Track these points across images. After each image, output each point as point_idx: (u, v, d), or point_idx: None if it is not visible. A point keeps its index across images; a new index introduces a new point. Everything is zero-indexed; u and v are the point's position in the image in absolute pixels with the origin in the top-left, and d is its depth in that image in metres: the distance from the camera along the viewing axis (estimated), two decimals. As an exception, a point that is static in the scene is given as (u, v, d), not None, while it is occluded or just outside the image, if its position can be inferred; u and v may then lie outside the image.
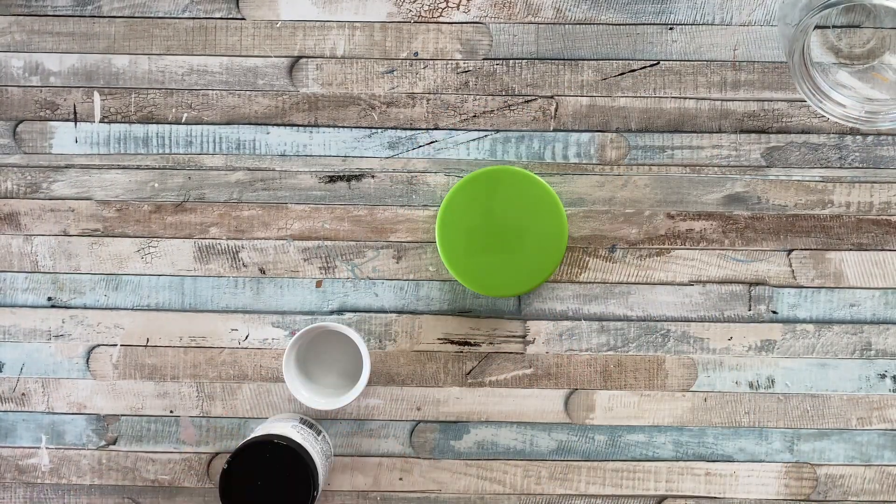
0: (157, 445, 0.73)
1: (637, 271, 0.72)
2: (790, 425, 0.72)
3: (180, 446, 0.73)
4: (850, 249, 0.71)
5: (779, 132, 0.71)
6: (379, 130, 0.72)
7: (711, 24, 0.71)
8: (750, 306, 0.72)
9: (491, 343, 0.72)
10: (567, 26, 0.71)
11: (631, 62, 0.71)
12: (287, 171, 0.72)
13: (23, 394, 0.73)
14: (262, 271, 0.72)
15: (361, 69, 0.72)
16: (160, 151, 0.72)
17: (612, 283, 0.72)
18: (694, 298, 0.72)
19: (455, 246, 0.68)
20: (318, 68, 0.72)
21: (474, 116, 0.72)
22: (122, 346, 0.73)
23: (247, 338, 0.72)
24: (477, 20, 0.71)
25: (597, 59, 0.71)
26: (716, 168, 0.71)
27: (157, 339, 0.72)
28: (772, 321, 0.71)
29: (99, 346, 0.73)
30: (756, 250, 0.71)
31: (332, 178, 0.72)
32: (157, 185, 0.72)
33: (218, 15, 0.72)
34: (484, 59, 0.72)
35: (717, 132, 0.71)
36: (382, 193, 0.72)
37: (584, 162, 0.72)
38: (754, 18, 0.71)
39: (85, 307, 0.73)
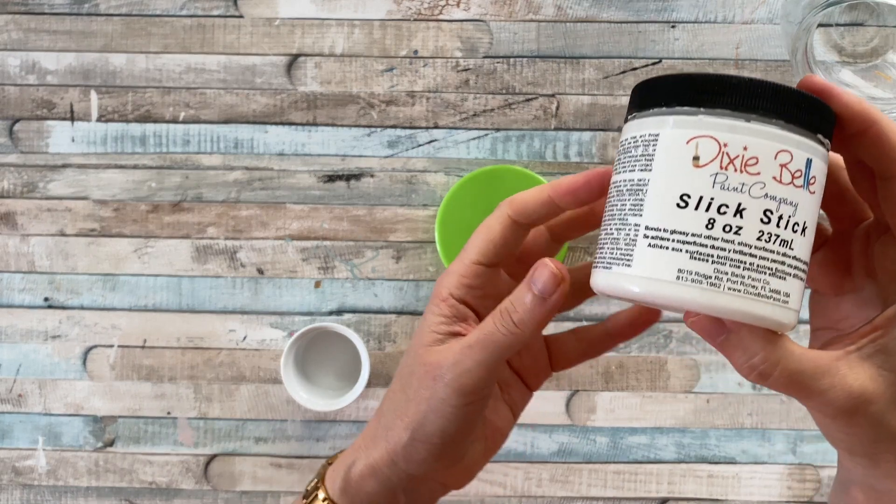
0: (154, 447, 0.72)
1: (639, 271, 0.71)
2: (793, 427, 0.71)
3: (178, 448, 0.72)
4: (854, 249, 0.71)
5: (782, 131, 0.71)
6: (378, 129, 0.71)
7: (714, 23, 0.70)
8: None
9: (491, 344, 0.71)
10: (568, 24, 0.71)
11: (633, 60, 0.71)
12: (285, 171, 0.71)
13: (19, 395, 0.72)
14: (261, 271, 0.72)
15: (360, 67, 0.71)
16: (157, 151, 0.72)
17: (613, 283, 0.71)
18: (696, 299, 0.71)
19: (455, 246, 0.67)
20: (316, 66, 0.71)
21: (474, 115, 0.71)
22: (119, 346, 0.72)
23: (245, 339, 0.72)
24: (477, 18, 0.71)
25: (598, 58, 0.71)
26: (718, 167, 0.71)
27: (155, 339, 0.72)
28: (775, 322, 0.71)
29: (96, 346, 0.72)
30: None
31: (331, 178, 0.71)
32: (154, 184, 0.72)
33: (216, 13, 0.71)
34: (484, 57, 0.71)
35: (719, 131, 0.71)
36: (382, 193, 0.71)
37: (585, 161, 0.71)
38: (757, 16, 0.70)
39: (82, 308, 0.72)
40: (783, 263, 0.29)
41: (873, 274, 0.33)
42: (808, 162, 0.29)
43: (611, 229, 0.32)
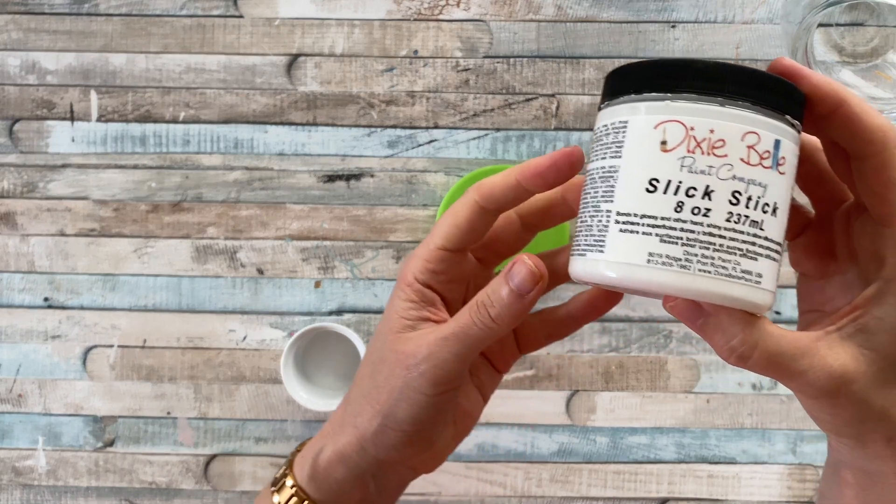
0: (154, 447, 0.72)
1: (639, 271, 0.71)
2: (793, 427, 0.71)
3: (178, 448, 0.72)
4: (854, 249, 0.71)
5: (782, 131, 0.71)
6: (378, 129, 0.71)
7: (714, 22, 0.70)
8: (753, 307, 0.71)
9: (491, 344, 0.71)
10: (568, 24, 0.71)
11: (633, 60, 0.71)
12: (285, 171, 0.71)
13: (19, 395, 0.72)
14: (261, 271, 0.72)
15: (360, 67, 0.71)
16: (157, 151, 0.72)
17: (613, 283, 0.71)
18: (696, 299, 0.71)
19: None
20: (316, 66, 0.71)
21: (475, 115, 0.71)
22: (119, 346, 0.72)
23: (245, 339, 0.72)
24: (477, 18, 0.71)
25: (598, 58, 0.71)
26: (718, 167, 0.71)
27: (155, 339, 0.72)
28: (775, 322, 0.71)
29: (96, 346, 0.72)
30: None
31: (331, 178, 0.71)
32: (154, 184, 0.72)
33: (216, 13, 0.71)
34: (484, 57, 0.71)
35: (719, 131, 0.71)
36: (382, 193, 0.71)
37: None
38: (757, 16, 0.70)
39: (82, 308, 0.72)
40: (754, 244, 0.29)
41: (855, 255, 0.33)
42: (777, 143, 0.29)
43: (585, 217, 0.32)
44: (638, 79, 0.31)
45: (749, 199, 0.29)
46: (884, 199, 0.30)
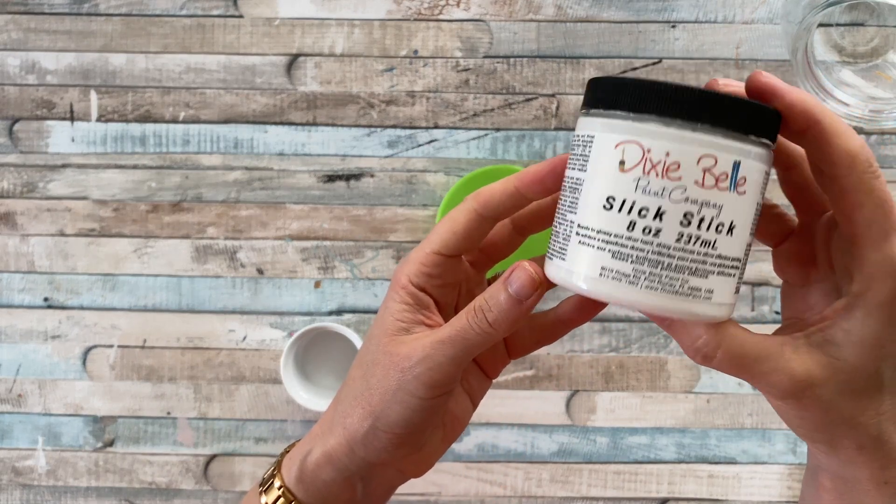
0: (154, 447, 0.72)
1: (639, 271, 0.71)
2: (793, 427, 0.71)
3: (178, 448, 0.72)
4: (854, 249, 0.71)
5: (782, 131, 0.71)
6: (378, 129, 0.71)
7: (714, 22, 0.70)
8: (753, 307, 0.71)
9: (491, 344, 0.71)
10: (568, 24, 0.71)
11: (633, 60, 0.71)
12: (285, 171, 0.71)
13: (19, 395, 0.72)
14: (260, 271, 0.72)
15: (360, 67, 0.71)
16: (157, 151, 0.72)
17: (613, 283, 0.71)
18: (696, 299, 0.71)
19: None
20: (316, 66, 0.71)
21: (475, 115, 0.71)
22: (118, 347, 0.72)
23: (244, 339, 0.72)
24: (477, 18, 0.71)
25: (598, 58, 0.71)
26: (718, 167, 0.71)
27: (155, 339, 0.72)
28: (775, 322, 0.71)
29: (96, 346, 0.72)
30: (759, 250, 0.71)
31: (331, 178, 0.71)
32: (154, 184, 0.72)
33: (216, 13, 0.71)
34: (484, 56, 0.71)
35: (719, 131, 0.71)
36: (382, 193, 0.71)
37: (585, 161, 0.71)
38: (757, 16, 0.70)
39: (81, 308, 0.72)
40: (704, 263, 0.31)
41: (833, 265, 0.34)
42: (736, 165, 0.30)
43: (556, 223, 0.34)
44: (608, 95, 0.31)
45: (701, 220, 0.30)
46: (850, 220, 0.31)
